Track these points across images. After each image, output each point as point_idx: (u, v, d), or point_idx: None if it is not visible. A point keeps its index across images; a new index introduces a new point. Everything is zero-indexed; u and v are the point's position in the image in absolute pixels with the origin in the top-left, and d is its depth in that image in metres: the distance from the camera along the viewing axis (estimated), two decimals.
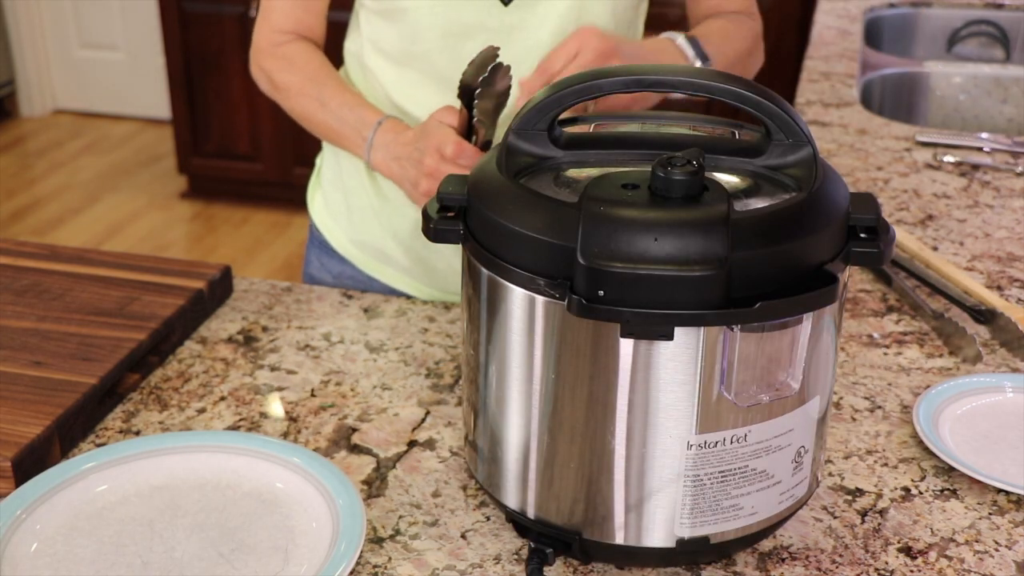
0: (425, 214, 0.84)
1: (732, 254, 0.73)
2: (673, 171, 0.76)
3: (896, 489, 0.96)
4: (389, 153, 1.22)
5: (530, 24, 1.23)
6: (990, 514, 0.94)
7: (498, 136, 1.11)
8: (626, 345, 0.76)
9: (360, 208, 1.39)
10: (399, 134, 1.22)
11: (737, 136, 0.89)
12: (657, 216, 0.74)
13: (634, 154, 0.86)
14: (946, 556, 0.89)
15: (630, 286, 0.73)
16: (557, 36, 1.24)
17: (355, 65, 1.36)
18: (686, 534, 0.82)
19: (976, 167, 1.68)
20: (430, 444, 1.01)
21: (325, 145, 1.44)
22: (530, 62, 1.21)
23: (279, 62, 1.32)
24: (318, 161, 1.49)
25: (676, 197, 0.76)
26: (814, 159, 0.83)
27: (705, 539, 0.82)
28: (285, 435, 1.02)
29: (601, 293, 0.73)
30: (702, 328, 0.75)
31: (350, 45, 1.37)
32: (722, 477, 0.80)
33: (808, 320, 0.78)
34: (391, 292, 1.41)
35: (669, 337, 0.75)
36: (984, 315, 1.22)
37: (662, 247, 0.73)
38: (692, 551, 0.83)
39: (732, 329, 0.75)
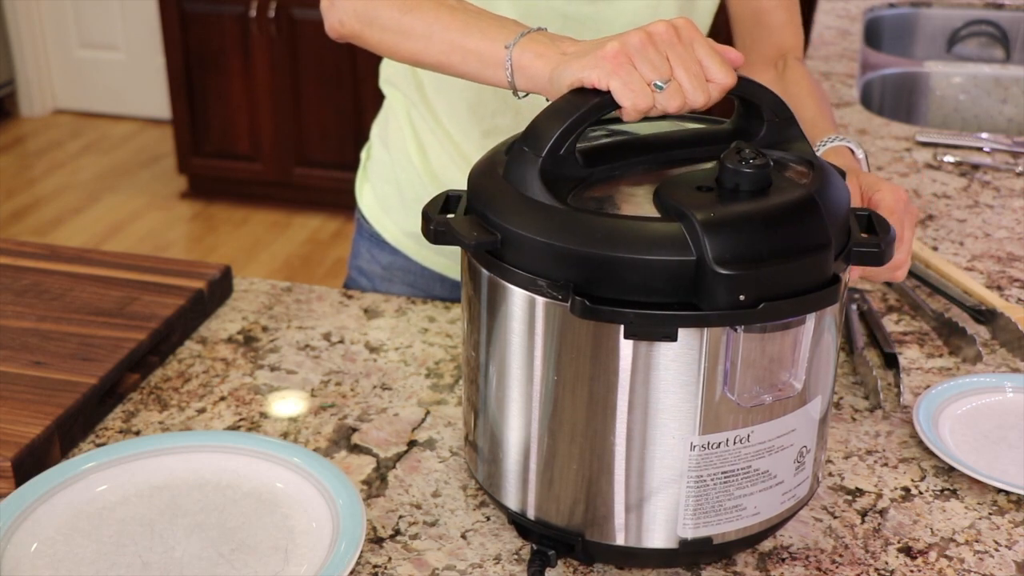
0: (425, 215, 0.84)
1: None
2: (743, 164, 0.77)
3: (896, 489, 0.96)
4: (552, 44, 0.94)
5: (605, 16, 1.23)
6: (990, 514, 0.93)
7: None
8: (627, 346, 0.76)
9: (415, 200, 1.38)
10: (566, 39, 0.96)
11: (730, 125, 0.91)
12: (767, 209, 0.75)
13: (650, 159, 0.86)
14: (946, 556, 0.89)
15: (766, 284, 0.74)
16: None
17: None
18: (689, 535, 0.82)
19: (976, 167, 1.68)
20: (430, 444, 1.01)
21: (373, 138, 1.45)
22: None
23: None
24: (363, 155, 1.50)
25: (746, 191, 0.77)
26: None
27: (708, 540, 0.82)
28: (285, 435, 1.02)
29: (742, 298, 0.73)
30: (705, 329, 0.75)
31: None
32: (725, 478, 0.80)
33: (811, 320, 0.78)
34: (444, 280, 1.42)
35: (672, 338, 0.75)
36: (984, 315, 1.22)
37: (775, 240, 0.74)
38: (694, 552, 0.83)
39: (735, 330, 0.75)
